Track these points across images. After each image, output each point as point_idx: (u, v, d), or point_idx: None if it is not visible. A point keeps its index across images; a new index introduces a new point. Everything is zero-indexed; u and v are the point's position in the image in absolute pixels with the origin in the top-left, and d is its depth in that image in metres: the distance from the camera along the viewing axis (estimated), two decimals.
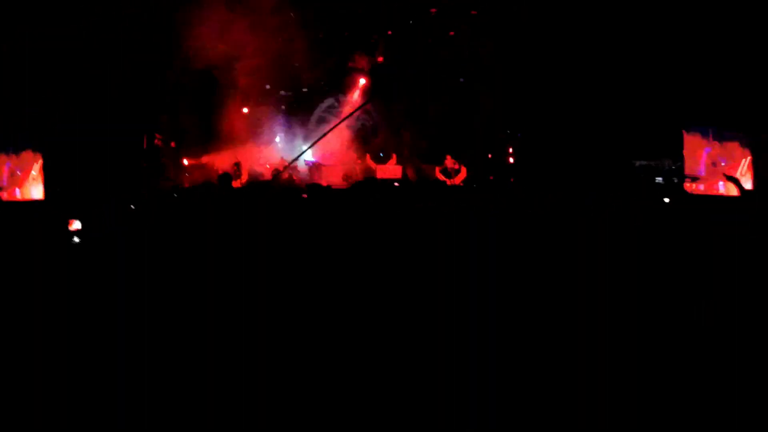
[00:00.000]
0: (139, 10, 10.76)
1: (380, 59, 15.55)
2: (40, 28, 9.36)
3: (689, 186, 8.93)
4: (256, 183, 14.02)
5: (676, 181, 9.25)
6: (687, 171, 9.09)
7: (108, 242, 6.50)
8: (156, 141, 12.58)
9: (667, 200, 9.16)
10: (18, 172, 9.41)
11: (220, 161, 13.57)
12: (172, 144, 13.19)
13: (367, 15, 14.55)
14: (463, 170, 15.84)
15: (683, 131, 9.09)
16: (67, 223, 6.78)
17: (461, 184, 15.19)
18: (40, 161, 9.56)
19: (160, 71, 11.47)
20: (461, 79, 14.70)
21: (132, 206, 9.17)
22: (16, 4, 9.33)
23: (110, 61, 10.13)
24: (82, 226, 6.77)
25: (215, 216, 6.54)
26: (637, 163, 9.82)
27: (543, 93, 10.72)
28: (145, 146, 11.73)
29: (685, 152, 9.06)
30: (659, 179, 9.46)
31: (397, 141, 15.93)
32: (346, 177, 14.69)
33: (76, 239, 6.62)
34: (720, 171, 8.65)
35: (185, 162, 13.44)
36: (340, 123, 16.07)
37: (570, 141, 10.37)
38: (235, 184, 13.58)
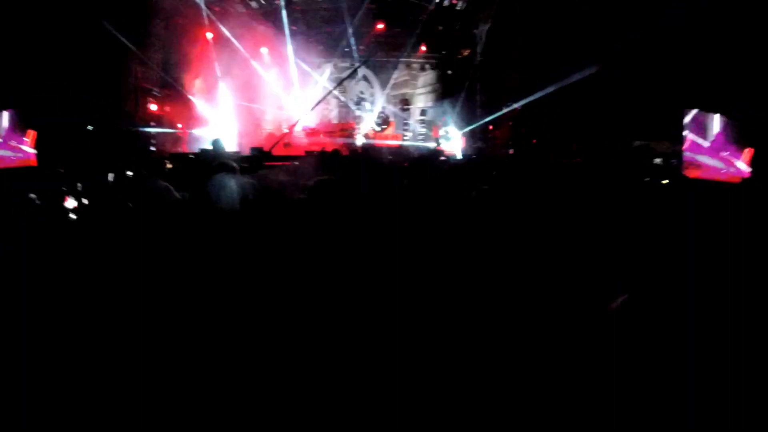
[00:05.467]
0: None
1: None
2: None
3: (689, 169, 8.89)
4: (254, 149, 13.94)
5: (674, 162, 9.18)
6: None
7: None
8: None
9: (665, 182, 9.15)
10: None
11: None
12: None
13: None
14: (459, 138, 15.81)
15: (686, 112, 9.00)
16: (62, 200, 6.78)
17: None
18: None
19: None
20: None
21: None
22: None
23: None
24: (78, 202, 6.78)
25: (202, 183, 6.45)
26: (636, 143, 9.74)
27: (543, 69, 10.56)
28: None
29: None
30: (657, 160, 9.38)
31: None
32: (349, 146, 14.64)
33: (72, 216, 6.64)
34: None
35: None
36: (335, 89, 15.87)
37: (568, 120, 10.28)
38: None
